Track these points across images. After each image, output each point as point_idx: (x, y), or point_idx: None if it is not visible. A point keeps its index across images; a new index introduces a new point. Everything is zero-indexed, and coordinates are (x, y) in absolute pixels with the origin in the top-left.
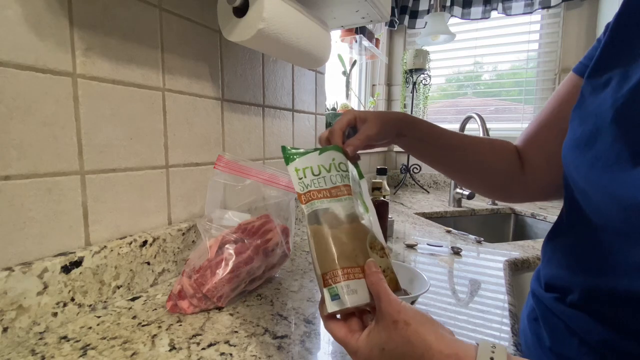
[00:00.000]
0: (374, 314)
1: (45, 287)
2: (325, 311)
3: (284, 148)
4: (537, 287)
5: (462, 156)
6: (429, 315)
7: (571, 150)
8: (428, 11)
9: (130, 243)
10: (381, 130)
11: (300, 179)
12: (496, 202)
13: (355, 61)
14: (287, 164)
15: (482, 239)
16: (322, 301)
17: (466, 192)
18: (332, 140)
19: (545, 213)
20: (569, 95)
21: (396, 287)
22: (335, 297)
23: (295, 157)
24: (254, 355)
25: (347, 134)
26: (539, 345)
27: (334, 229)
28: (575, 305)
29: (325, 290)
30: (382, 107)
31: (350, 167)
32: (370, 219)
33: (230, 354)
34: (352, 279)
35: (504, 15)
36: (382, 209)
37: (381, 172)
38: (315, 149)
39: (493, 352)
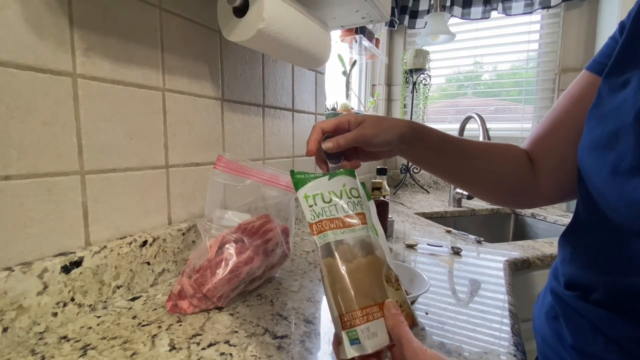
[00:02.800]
0: (391, 351)
1: (45, 287)
2: (344, 354)
3: (292, 172)
4: (556, 285)
5: (478, 165)
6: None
7: (589, 151)
8: (428, 11)
9: (130, 243)
10: (379, 132)
11: (310, 206)
12: None
13: (355, 61)
14: (297, 189)
15: (482, 239)
16: (337, 341)
17: (466, 192)
18: (308, 144)
19: (545, 213)
20: (583, 94)
21: (413, 323)
22: (354, 341)
23: (305, 182)
24: (254, 355)
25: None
26: (560, 343)
27: (349, 263)
28: (600, 303)
29: (343, 334)
30: (382, 107)
31: (362, 191)
32: (380, 244)
33: (230, 354)
34: (372, 319)
35: (504, 15)
36: (382, 209)
37: (381, 172)
38: (325, 174)
39: None
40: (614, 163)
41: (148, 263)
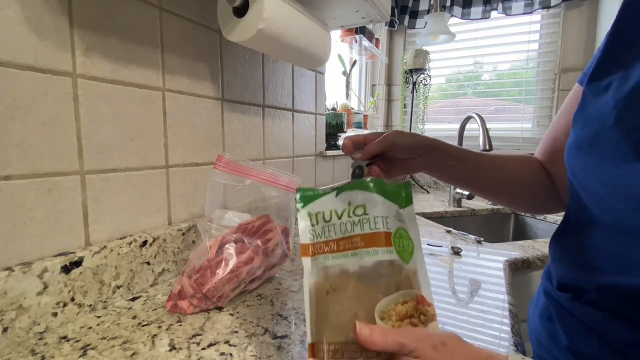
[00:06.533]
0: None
1: (45, 287)
2: None
3: (300, 189)
4: (549, 286)
5: (500, 175)
6: (452, 332)
7: (574, 152)
8: (428, 11)
9: (130, 243)
10: (403, 135)
11: (312, 226)
12: None
13: (355, 61)
14: (302, 207)
15: (482, 239)
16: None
17: (466, 192)
18: (345, 144)
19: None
20: (575, 106)
21: None
22: None
23: (312, 199)
24: (254, 355)
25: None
26: (555, 345)
27: (335, 291)
28: (593, 304)
29: None
30: (382, 107)
31: (383, 204)
32: (411, 270)
33: (230, 354)
34: (341, 358)
35: (504, 15)
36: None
37: None
38: (334, 189)
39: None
40: (597, 160)
41: (148, 263)
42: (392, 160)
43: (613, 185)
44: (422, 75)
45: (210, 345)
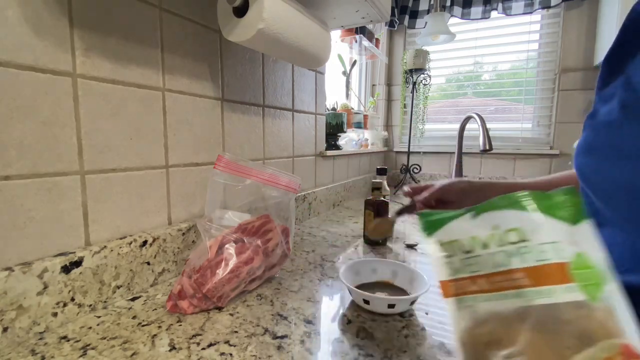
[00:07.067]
0: None
1: (45, 287)
2: None
3: (422, 214)
4: None
5: None
6: None
7: (584, 155)
8: (428, 11)
9: (130, 243)
10: (464, 184)
11: (448, 257)
12: None
13: (355, 61)
14: (429, 236)
15: None
16: None
17: None
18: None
19: None
20: None
21: None
22: None
23: (441, 224)
24: (254, 355)
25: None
26: None
27: (498, 345)
28: None
29: None
30: (382, 107)
31: (549, 225)
32: (605, 310)
33: (230, 354)
34: None
35: (504, 15)
36: (382, 209)
37: (381, 172)
38: (469, 209)
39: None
40: (607, 165)
41: (148, 263)
42: (447, 204)
43: (623, 186)
44: (422, 75)
45: (210, 345)
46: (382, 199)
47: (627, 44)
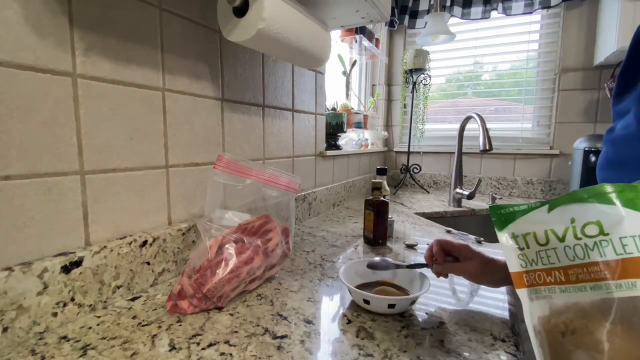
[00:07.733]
0: None
1: (45, 287)
2: None
3: (493, 207)
4: None
5: None
6: None
7: (606, 169)
8: (428, 11)
9: (130, 243)
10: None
11: (522, 250)
12: (496, 202)
13: (355, 61)
14: (500, 228)
15: (482, 239)
16: None
17: (466, 192)
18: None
19: None
20: None
21: None
22: None
23: (513, 217)
24: (254, 355)
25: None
26: None
27: (574, 335)
28: None
29: None
30: (382, 107)
31: (631, 219)
32: None
33: (230, 354)
34: None
35: (504, 15)
36: (382, 209)
37: (381, 172)
38: (544, 202)
39: None
40: (628, 179)
41: (148, 263)
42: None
43: None
44: (422, 75)
45: (210, 345)
46: (382, 199)
47: (638, 60)
